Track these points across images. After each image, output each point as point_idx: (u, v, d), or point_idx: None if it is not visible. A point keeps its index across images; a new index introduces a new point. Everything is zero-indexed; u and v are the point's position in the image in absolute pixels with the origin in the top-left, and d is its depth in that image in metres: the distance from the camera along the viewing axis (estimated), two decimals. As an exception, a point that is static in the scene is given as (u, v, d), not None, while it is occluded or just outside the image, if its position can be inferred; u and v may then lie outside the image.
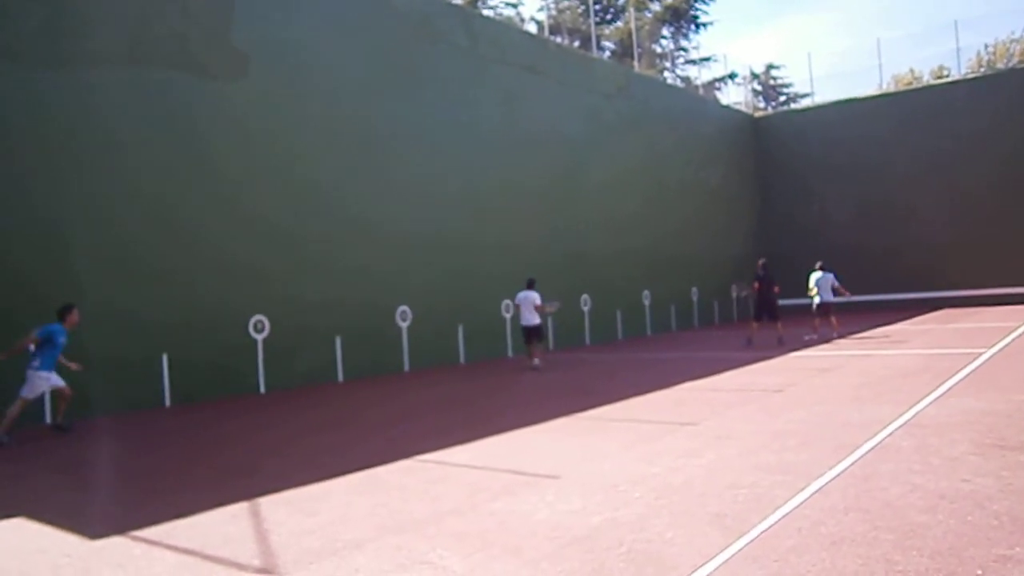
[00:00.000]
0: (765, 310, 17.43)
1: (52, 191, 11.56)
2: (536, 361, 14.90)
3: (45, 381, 9.84)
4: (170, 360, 12.49)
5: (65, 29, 11.89)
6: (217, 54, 13.74)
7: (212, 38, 13.70)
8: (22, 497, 6.65)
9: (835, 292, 18.31)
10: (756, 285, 17.64)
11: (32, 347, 9.79)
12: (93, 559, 4.79)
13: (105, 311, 11.78)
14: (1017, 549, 3.97)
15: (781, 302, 18.36)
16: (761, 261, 18.22)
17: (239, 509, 5.74)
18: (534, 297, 15.13)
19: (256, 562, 4.55)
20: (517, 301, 15.45)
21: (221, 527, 5.30)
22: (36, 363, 9.72)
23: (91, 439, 9.83)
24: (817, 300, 18.26)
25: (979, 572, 3.71)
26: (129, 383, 12.00)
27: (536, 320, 15.13)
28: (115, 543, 5.08)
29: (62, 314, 10.06)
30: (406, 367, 16.36)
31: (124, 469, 7.86)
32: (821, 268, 18.48)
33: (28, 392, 9.70)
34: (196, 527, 5.33)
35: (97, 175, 12.04)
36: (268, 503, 5.86)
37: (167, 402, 12.44)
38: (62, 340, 9.85)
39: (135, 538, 5.15)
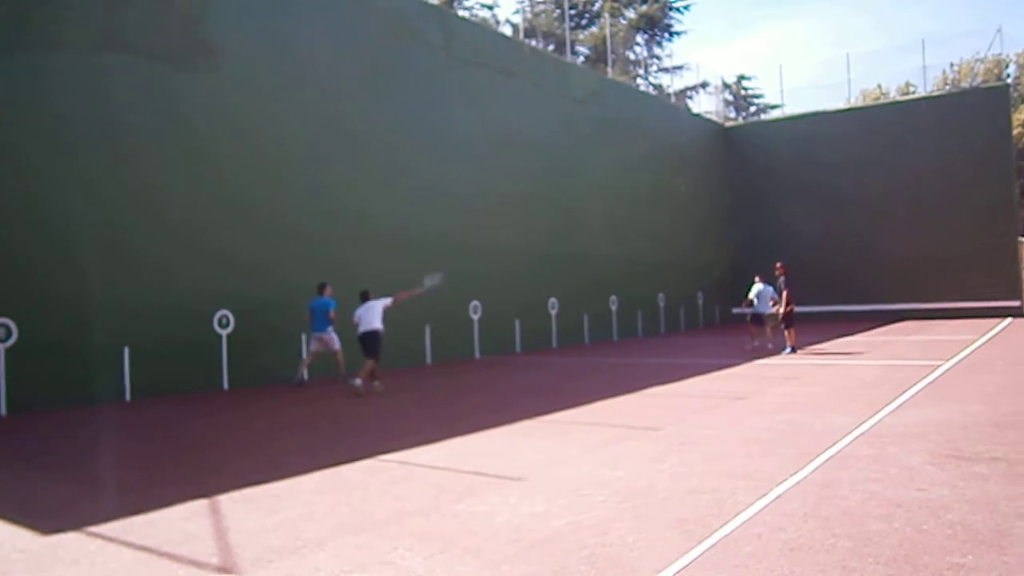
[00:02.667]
0: (791, 317, 17.33)
1: (18, 177, 11.35)
2: (358, 381, 12.23)
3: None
4: (132, 353, 12.30)
5: (33, 15, 11.68)
6: (191, 45, 13.57)
7: (186, 29, 13.54)
8: (-26, 490, 6.51)
9: (772, 304, 18.41)
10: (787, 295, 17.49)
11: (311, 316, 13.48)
12: (47, 555, 4.70)
13: (66, 299, 11.61)
14: (970, 557, 4.05)
15: (753, 311, 18.67)
16: (782, 264, 17.94)
17: (199, 506, 5.67)
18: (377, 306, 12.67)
19: (214, 560, 4.50)
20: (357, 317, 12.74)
21: (180, 524, 5.23)
22: (331, 328, 13.49)
23: (49, 434, 9.64)
24: (764, 310, 18.43)
25: (933, 580, 3.78)
26: (89, 375, 11.80)
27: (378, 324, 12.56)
28: (70, 539, 4.99)
29: (323, 289, 13.57)
30: (372, 366, 16.25)
31: (83, 464, 7.73)
32: (762, 280, 18.70)
33: (337, 345, 13.61)
34: (154, 524, 5.25)
35: (57, 160, 11.83)
36: (229, 501, 5.79)
37: (127, 396, 12.25)
38: (333, 307, 13.47)
39: (91, 534, 5.06)
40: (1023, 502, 5.00)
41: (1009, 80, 42.22)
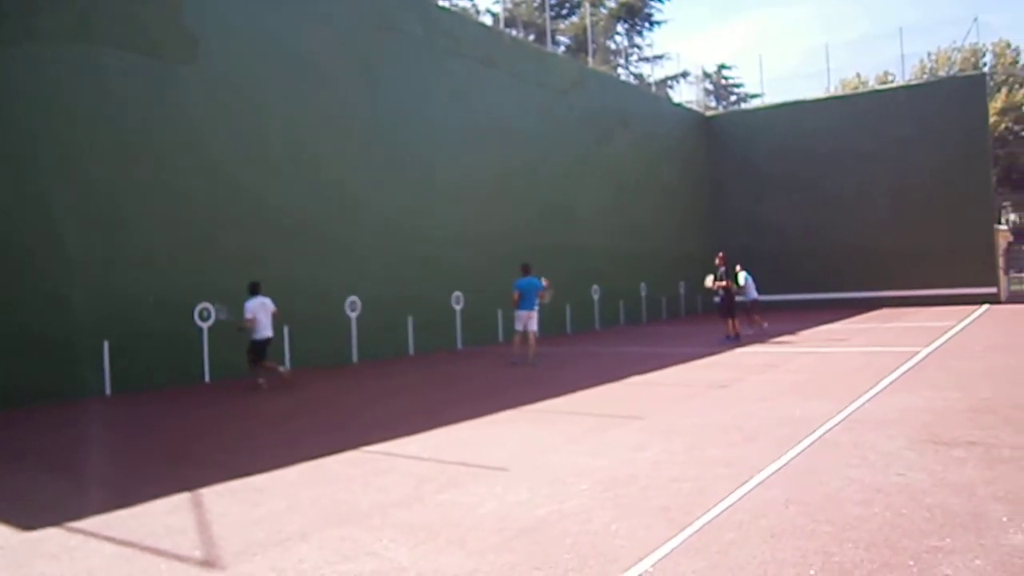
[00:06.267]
0: (733, 306, 17.61)
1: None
2: (261, 381, 12.16)
3: (520, 319, 14.34)
4: (111, 346, 12.19)
5: (13, 6, 11.51)
6: (175, 38, 13.44)
7: (168, 22, 13.40)
8: (-47, 486, 6.44)
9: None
10: (727, 283, 17.68)
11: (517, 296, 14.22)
12: (27, 550, 4.66)
13: (46, 293, 11.49)
14: (948, 540, 4.10)
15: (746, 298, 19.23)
16: (723, 255, 18.26)
17: (182, 500, 5.64)
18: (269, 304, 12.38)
19: (197, 553, 4.48)
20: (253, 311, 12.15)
21: (162, 518, 5.20)
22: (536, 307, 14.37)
23: (30, 428, 9.56)
24: (752, 297, 18.85)
25: (911, 563, 3.83)
26: (68, 369, 11.69)
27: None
28: (51, 534, 4.95)
29: (527, 269, 14.48)
30: (354, 358, 16.24)
31: (63, 460, 7.67)
32: (743, 268, 19.21)
33: (535, 325, 14.40)
34: (136, 518, 5.22)
35: (35, 152, 11.67)
36: (211, 494, 5.76)
37: (108, 390, 12.15)
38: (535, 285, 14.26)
39: (72, 529, 5.02)
40: (1000, 486, 5.08)
41: (986, 69, 42.56)
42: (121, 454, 7.74)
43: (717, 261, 18.03)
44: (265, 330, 12.22)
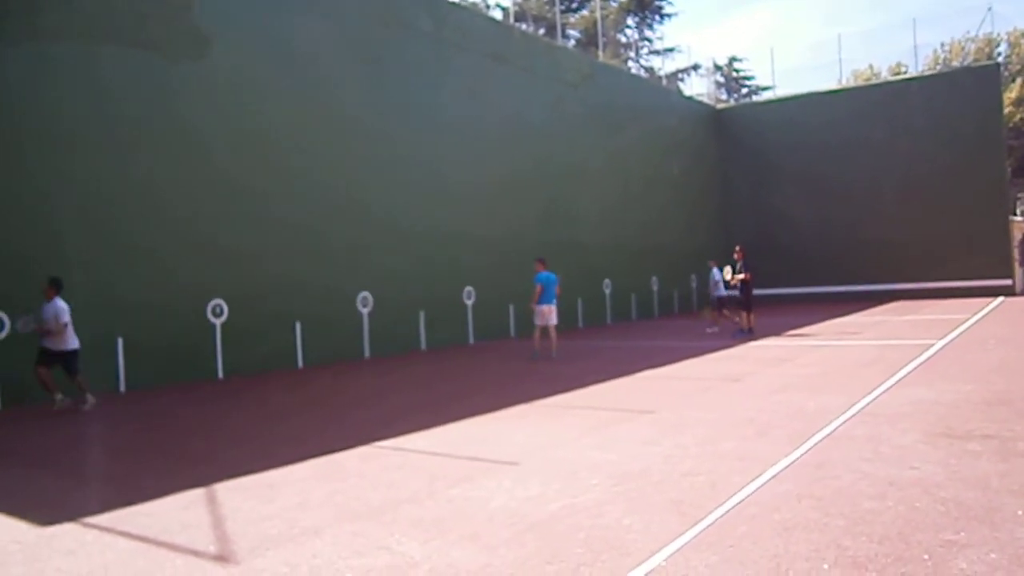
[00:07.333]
0: (750, 300, 17.42)
1: (8, 168, 11.26)
2: (59, 397, 10.31)
3: (542, 313, 14.22)
4: (125, 343, 12.26)
5: (16, 4, 11.56)
6: (182, 35, 13.47)
7: (176, 18, 13.41)
8: (-30, 483, 6.50)
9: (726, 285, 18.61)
10: (746, 276, 17.44)
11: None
12: (43, 546, 4.70)
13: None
14: (962, 534, 4.08)
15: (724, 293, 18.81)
16: (741, 248, 18.01)
17: (196, 496, 5.67)
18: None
19: (212, 549, 4.50)
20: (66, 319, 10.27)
21: (177, 514, 5.23)
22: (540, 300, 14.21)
23: (43, 426, 9.62)
24: (720, 293, 18.48)
25: (926, 556, 3.81)
26: (83, 367, 11.73)
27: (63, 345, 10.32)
28: (67, 530, 4.99)
29: (544, 263, 14.47)
30: (367, 353, 16.28)
31: (78, 456, 7.73)
32: (717, 265, 18.80)
33: (538, 320, 14.27)
34: (151, 514, 5.25)
35: (37, 151, 11.73)
36: (225, 490, 5.79)
37: (122, 387, 12.22)
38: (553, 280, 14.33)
39: (87, 525, 5.06)
40: (1015, 479, 5.04)
41: (1000, 59, 42.18)
42: (134, 450, 7.79)
43: (736, 255, 17.86)
44: (75, 338, 10.46)
